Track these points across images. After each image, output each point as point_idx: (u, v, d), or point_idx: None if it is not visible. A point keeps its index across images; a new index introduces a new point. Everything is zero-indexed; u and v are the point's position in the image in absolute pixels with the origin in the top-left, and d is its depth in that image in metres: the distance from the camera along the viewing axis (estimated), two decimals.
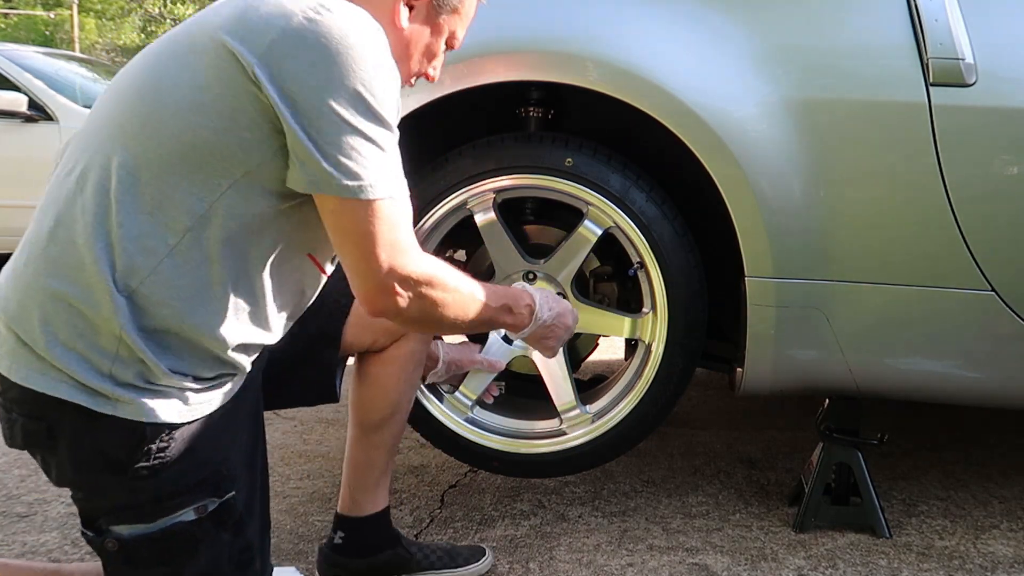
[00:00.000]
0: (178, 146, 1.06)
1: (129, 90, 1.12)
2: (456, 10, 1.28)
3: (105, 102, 1.15)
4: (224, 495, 1.17)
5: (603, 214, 1.72)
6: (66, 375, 1.06)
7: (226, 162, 1.06)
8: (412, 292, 1.14)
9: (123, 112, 1.10)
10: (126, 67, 1.19)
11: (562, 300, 1.49)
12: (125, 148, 1.07)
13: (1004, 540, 1.80)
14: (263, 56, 1.03)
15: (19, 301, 1.09)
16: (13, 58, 5.24)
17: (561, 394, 1.83)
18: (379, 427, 1.56)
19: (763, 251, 1.64)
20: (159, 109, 1.07)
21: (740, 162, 1.61)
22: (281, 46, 1.04)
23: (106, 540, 1.13)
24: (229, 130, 1.05)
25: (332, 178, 1.04)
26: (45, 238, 1.09)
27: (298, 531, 1.82)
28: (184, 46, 1.10)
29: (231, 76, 1.04)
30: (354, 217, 1.07)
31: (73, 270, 1.07)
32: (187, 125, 1.06)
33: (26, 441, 1.12)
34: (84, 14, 26.82)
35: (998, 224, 1.63)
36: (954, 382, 1.74)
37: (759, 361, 1.72)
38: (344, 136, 1.04)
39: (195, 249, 1.08)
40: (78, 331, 1.06)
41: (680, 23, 1.66)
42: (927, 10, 1.60)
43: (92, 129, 1.14)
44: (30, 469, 2.15)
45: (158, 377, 1.09)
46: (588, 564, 1.68)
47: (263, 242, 1.12)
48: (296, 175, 1.06)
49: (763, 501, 1.97)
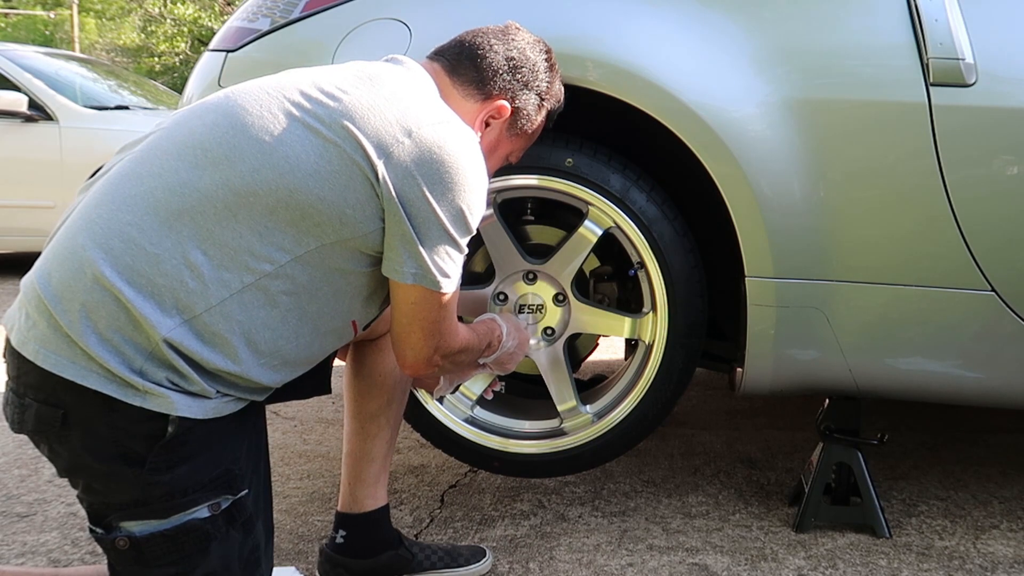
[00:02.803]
0: (285, 198, 1.14)
1: (240, 127, 1.16)
2: (524, 134, 1.44)
3: (207, 126, 1.18)
4: (238, 492, 1.18)
5: (603, 214, 1.72)
6: (98, 364, 1.08)
7: (320, 228, 1.16)
8: (447, 362, 1.34)
9: (232, 147, 1.15)
10: (230, 97, 1.22)
11: (523, 330, 1.63)
12: (227, 184, 1.13)
13: (1004, 540, 1.80)
14: (389, 157, 1.16)
15: (63, 280, 1.10)
16: (13, 58, 5.25)
17: (562, 394, 1.83)
18: (375, 416, 1.56)
19: (763, 251, 1.64)
20: (279, 161, 1.14)
21: (740, 162, 1.61)
22: (406, 153, 1.17)
23: (117, 538, 1.13)
24: (335, 204, 1.16)
25: (430, 274, 1.21)
26: (116, 236, 1.10)
27: (298, 531, 1.82)
28: (308, 114, 1.17)
29: (353, 161, 1.15)
30: (428, 306, 1.24)
31: (136, 275, 1.09)
32: (299, 184, 1.14)
33: (37, 427, 1.12)
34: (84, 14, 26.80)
35: (998, 224, 1.63)
36: (954, 382, 1.74)
37: (759, 361, 1.72)
38: (444, 244, 1.21)
39: (264, 292, 1.15)
40: (117, 325, 1.08)
41: (680, 23, 1.66)
42: (927, 10, 1.60)
43: (183, 149, 1.16)
44: (30, 469, 2.15)
45: (188, 383, 1.12)
46: (588, 564, 1.68)
47: (322, 303, 1.22)
48: (396, 266, 1.21)
49: (763, 501, 1.97)
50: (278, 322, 1.17)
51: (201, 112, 1.20)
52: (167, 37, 23.28)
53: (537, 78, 1.40)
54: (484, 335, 1.49)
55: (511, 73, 1.37)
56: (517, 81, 1.38)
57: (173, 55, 23.51)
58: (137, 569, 1.15)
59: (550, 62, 1.43)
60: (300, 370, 1.27)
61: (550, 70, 1.43)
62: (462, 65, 1.35)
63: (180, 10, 21.80)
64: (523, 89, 1.39)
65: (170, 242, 1.10)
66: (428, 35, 1.67)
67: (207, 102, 1.22)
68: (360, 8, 1.71)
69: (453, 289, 1.25)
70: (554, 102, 1.46)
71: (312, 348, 1.26)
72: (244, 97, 1.20)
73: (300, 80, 1.23)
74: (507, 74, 1.37)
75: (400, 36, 1.67)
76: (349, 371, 1.57)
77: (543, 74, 1.41)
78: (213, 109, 1.19)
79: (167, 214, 1.11)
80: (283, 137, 1.15)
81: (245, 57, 1.76)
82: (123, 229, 1.10)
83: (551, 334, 1.81)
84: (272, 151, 1.14)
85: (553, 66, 1.44)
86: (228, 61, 1.77)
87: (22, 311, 1.13)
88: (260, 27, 1.76)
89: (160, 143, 1.18)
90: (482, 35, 1.38)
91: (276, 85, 1.22)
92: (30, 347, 1.10)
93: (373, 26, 1.70)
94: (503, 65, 1.36)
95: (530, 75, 1.39)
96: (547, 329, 1.80)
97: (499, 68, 1.36)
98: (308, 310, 1.20)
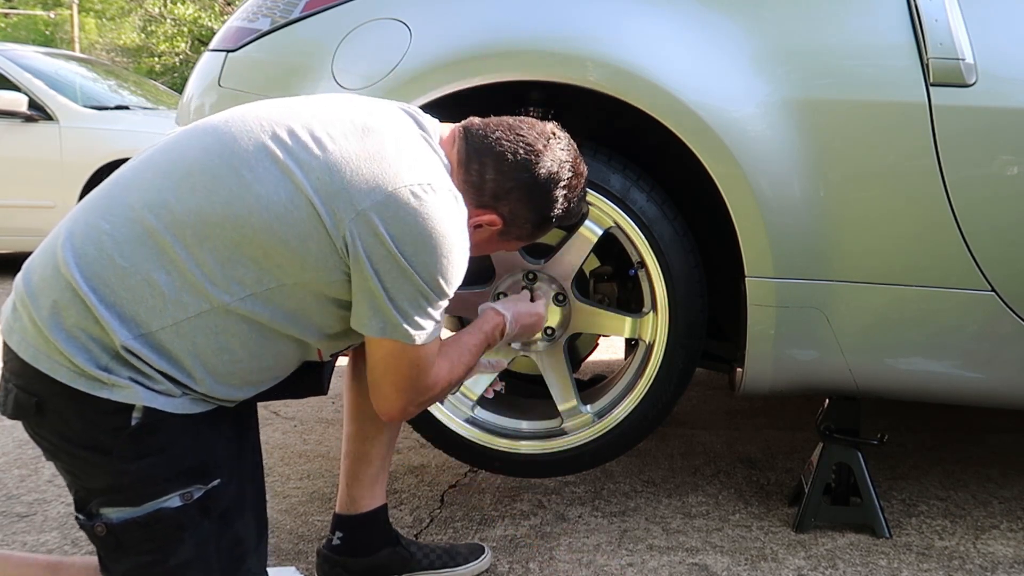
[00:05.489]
0: (250, 235, 1.15)
1: (226, 156, 1.18)
2: (520, 241, 1.42)
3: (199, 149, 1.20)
4: (209, 483, 1.20)
5: (604, 214, 1.72)
6: (66, 359, 1.12)
7: (281, 269, 1.17)
8: (424, 406, 1.35)
9: (213, 176, 1.16)
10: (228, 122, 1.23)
11: (532, 310, 1.58)
12: (200, 212, 1.15)
13: (1004, 540, 1.80)
14: (358, 215, 1.16)
15: (42, 277, 1.16)
16: (13, 58, 5.25)
17: (562, 394, 1.83)
18: (375, 418, 1.55)
19: (763, 251, 1.64)
20: (251, 199, 1.15)
21: (740, 162, 1.61)
22: (379, 211, 1.16)
23: (96, 524, 1.18)
24: (297, 250, 1.16)
25: (400, 328, 1.20)
26: (91, 242, 1.15)
27: (298, 531, 1.82)
28: (291, 157, 1.17)
29: (317, 215, 1.15)
30: (400, 360, 1.24)
31: (102, 284, 1.13)
32: (266, 225, 1.15)
33: (16, 412, 1.18)
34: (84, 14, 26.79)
35: (998, 224, 1.63)
36: (954, 382, 1.74)
37: (759, 361, 1.72)
38: (417, 300, 1.20)
39: (222, 319, 1.16)
40: (84, 325, 1.13)
41: (680, 23, 1.66)
42: (927, 10, 1.60)
43: (173, 168, 1.19)
44: (30, 469, 2.15)
45: (153, 382, 1.16)
46: (588, 564, 1.68)
47: (282, 337, 1.23)
48: (363, 320, 1.21)
49: (763, 501, 1.97)
50: (237, 347, 1.19)
51: (201, 133, 1.23)
52: (167, 37, 23.28)
53: (545, 203, 1.35)
54: (477, 347, 1.44)
55: (514, 193, 1.32)
56: (519, 202, 1.33)
57: (173, 55, 23.51)
58: (117, 555, 1.20)
59: (569, 185, 1.36)
60: (265, 386, 1.29)
61: (566, 195, 1.36)
62: (471, 164, 1.31)
63: (180, 10, 21.79)
64: (524, 209, 1.34)
65: (138, 257, 1.14)
66: (428, 35, 1.67)
67: (210, 122, 1.24)
68: (360, 8, 1.71)
69: (428, 340, 1.23)
70: (563, 220, 1.41)
71: (275, 370, 1.27)
72: (239, 126, 1.21)
73: (299, 114, 1.23)
74: (509, 194, 1.32)
75: (400, 36, 1.67)
76: (350, 372, 1.57)
77: (555, 200, 1.35)
78: (211, 132, 1.22)
79: (142, 230, 1.15)
80: (260, 175, 1.16)
81: (245, 57, 1.76)
82: (99, 237, 1.15)
83: (551, 334, 1.81)
84: (247, 188, 1.16)
85: (572, 189, 1.37)
86: (228, 61, 1.77)
87: (12, 304, 1.20)
88: (260, 27, 1.76)
89: (156, 157, 1.22)
90: (508, 140, 1.31)
91: (272, 118, 1.22)
92: (15, 337, 1.16)
93: (373, 26, 1.70)
94: (508, 185, 1.31)
95: (538, 199, 1.34)
96: (547, 329, 1.80)
97: (502, 188, 1.31)
98: (268, 341, 1.22)
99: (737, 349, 1.78)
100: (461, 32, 1.67)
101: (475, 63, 1.64)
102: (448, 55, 1.65)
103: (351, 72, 1.67)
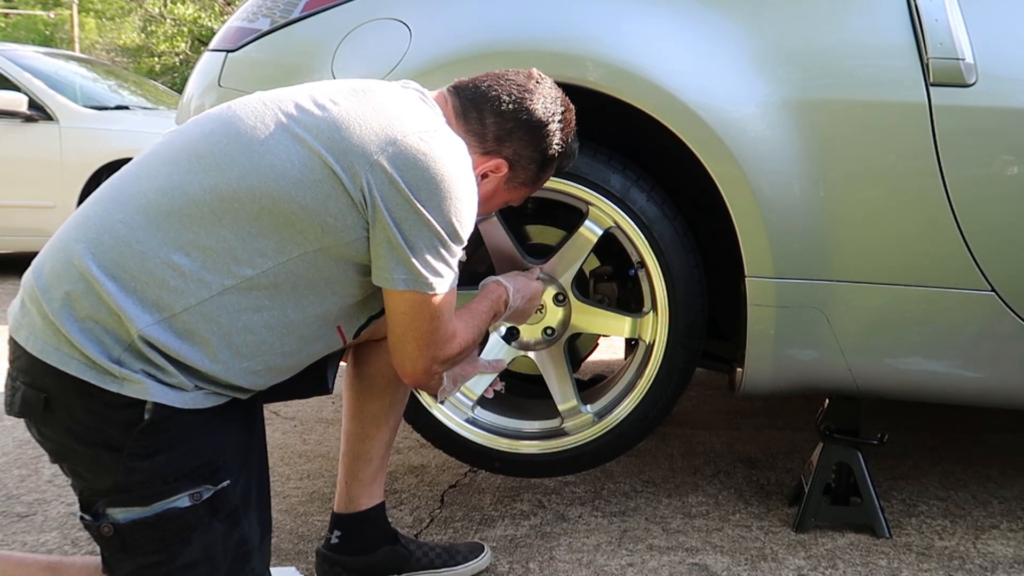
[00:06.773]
0: (268, 205, 1.16)
1: (233, 135, 1.20)
2: (525, 186, 1.43)
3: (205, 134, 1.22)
4: (219, 483, 1.20)
5: (604, 214, 1.72)
6: (78, 351, 1.12)
7: (303, 235, 1.18)
8: (447, 365, 1.34)
9: (223, 154, 1.18)
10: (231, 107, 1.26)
11: (530, 283, 1.62)
12: (215, 189, 1.16)
13: (1004, 540, 1.80)
14: (373, 166, 1.18)
15: (53, 271, 1.15)
16: (13, 58, 5.25)
17: (562, 394, 1.83)
18: (376, 418, 1.57)
19: (763, 251, 1.64)
20: (265, 169, 1.16)
21: (740, 162, 1.61)
22: (391, 160, 1.18)
23: (102, 525, 1.17)
24: (316, 212, 1.17)
25: (421, 276, 1.21)
26: (106, 231, 1.15)
27: (298, 531, 1.82)
28: (298, 124, 1.20)
29: (333, 173, 1.17)
30: (420, 315, 1.24)
31: (121, 270, 1.13)
32: (283, 193, 1.16)
33: (23, 409, 1.17)
34: (84, 14, 26.78)
35: (998, 224, 1.63)
36: (954, 382, 1.74)
37: (759, 361, 1.72)
38: (435, 246, 1.22)
39: (245, 296, 1.17)
40: (98, 316, 1.13)
41: (680, 23, 1.66)
42: (927, 10, 1.60)
43: (179, 154, 1.20)
44: (30, 469, 2.15)
45: (165, 375, 1.15)
46: (588, 564, 1.68)
47: (306, 311, 1.23)
48: (385, 274, 1.22)
49: (763, 501, 1.97)
50: (260, 326, 1.20)
51: (203, 121, 1.25)
52: (167, 37, 23.27)
53: (545, 138, 1.37)
54: (486, 313, 1.47)
55: (516, 133, 1.35)
56: (521, 141, 1.36)
57: (173, 55, 23.50)
58: (122, 556, 1.19)
59: (564, 119, 1.40)
60: (284, 376, 1.29)
61: (562, 129, 1.39)
62: (469, 114, 1.34)
63: (180, 10, 21.78)
64: (527, 148, 1.37)
65: (156, 241, 1.14)
66: (428, 35, 1.67)
67: (211, 112, 1.27)
68: (360, 8, 1.71)
69: (447, 289, 1.25)
70: (563, 158, 1.44)
71: (298, 355, 1.28)
72: (242, 108, 1.24)
73: (297, 92, 1.26)
74: (511, 134, 1.35)
75: (400, 36, 1.67)
76: (350, 372, 1.58)
77: (554, 134, 1.38)
78: (214, 118, 1.24)
79: (156, 214, 1.15)
80: (271, 146, 1.18)
81: (245, 57, 1.76)
82: (113, 226, 1.15)
83: (551, 334, 1.81)
84: (260, 159, 1.17)
85: (567, 123, 1.40)
86: (228, 61, 1.77)
87: (20, 300, 1.19)
88: (260, 27, 1.76)
89: (161, 148, 1.24)
90: (499, 86, 1.35)
91: (274, 97, 1.25)
92: (22, 333, 1.16)
93: (373, 26, 1.70)
94: (508, 126, 1.34)
95: (538, 135, 1.36)
96: (547, 329, 1.80)
97: (503, 129, 1.34)
98: (292, 317, 1.22)
99: (737, 349, 1.78)
100: (461, 32, 1.67)
101: (475, 63, 1.64)
102: (448, 55, 1.65)
103: (351, 72, 1.67)
